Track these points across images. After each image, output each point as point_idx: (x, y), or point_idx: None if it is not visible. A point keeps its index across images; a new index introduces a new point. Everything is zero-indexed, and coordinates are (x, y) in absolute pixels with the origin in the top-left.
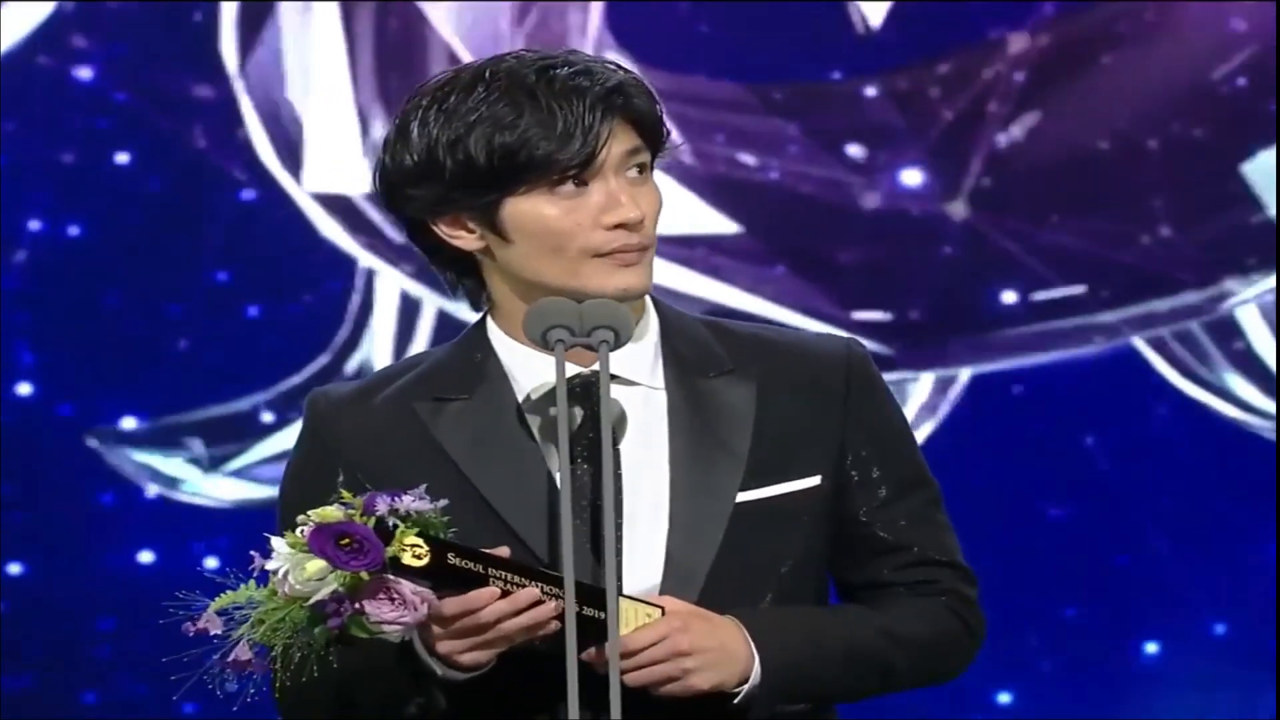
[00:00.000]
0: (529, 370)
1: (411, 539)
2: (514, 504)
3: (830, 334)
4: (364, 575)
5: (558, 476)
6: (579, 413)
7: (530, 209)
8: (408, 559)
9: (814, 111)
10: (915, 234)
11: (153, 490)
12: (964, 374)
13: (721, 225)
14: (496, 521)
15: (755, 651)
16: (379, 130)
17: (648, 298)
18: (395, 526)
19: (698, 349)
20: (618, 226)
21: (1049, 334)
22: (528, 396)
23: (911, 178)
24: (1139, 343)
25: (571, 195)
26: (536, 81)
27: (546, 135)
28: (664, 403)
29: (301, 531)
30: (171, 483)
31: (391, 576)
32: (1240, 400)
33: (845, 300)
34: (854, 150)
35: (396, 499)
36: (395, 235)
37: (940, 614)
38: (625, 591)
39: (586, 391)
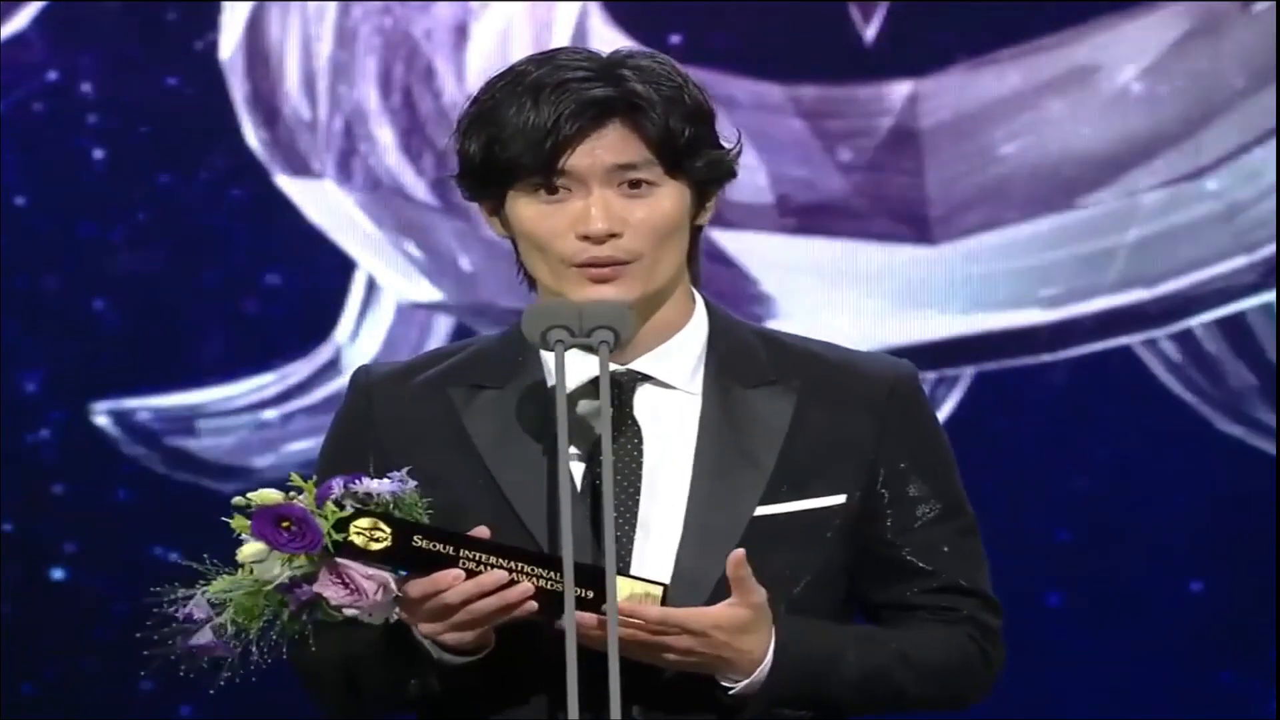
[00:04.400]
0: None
1: (368, 522)
2: (528, 498)
3: (882, 354)
4: (303, 558)
5: (575, 474)
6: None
7: (516, 210)
8: (362, 542)
9: (811, 113)
10: (909, 235)
11: (160, 480)
12: (965, 374)
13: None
14: (510, 513)
15: (770, 659)
16: (374, 127)
17: (701, 301)
18: (355, 510)
19: (743, 358)
20: (585, 238)
21: (1044, 334)
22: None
23: (904, 180)
24: (1134, 345)
25: (551, 201)
26: (541, 84)
27: (521, 138)
28: (697, 410)
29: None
30: (175, 467)
31: (343, 560)
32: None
33: (835, 301)
34: (845, 154)
35: (354, 482)
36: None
37: (960, 642)
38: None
39: (618, 391)
